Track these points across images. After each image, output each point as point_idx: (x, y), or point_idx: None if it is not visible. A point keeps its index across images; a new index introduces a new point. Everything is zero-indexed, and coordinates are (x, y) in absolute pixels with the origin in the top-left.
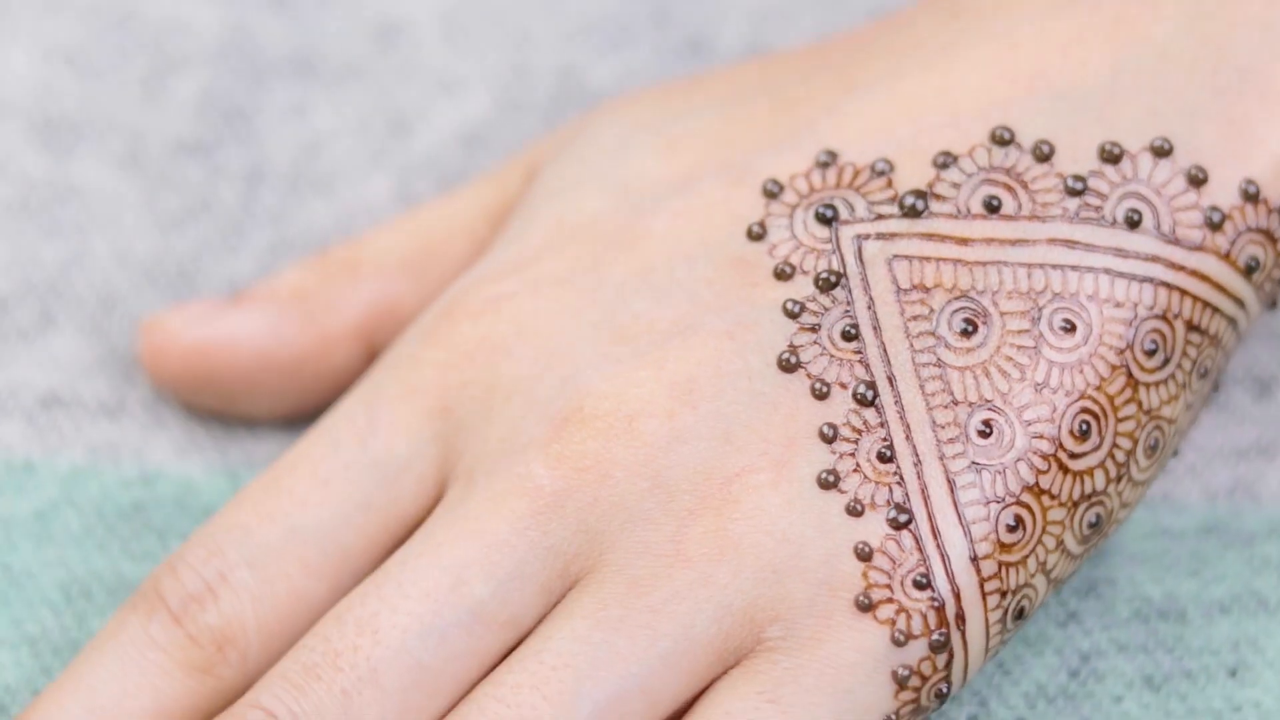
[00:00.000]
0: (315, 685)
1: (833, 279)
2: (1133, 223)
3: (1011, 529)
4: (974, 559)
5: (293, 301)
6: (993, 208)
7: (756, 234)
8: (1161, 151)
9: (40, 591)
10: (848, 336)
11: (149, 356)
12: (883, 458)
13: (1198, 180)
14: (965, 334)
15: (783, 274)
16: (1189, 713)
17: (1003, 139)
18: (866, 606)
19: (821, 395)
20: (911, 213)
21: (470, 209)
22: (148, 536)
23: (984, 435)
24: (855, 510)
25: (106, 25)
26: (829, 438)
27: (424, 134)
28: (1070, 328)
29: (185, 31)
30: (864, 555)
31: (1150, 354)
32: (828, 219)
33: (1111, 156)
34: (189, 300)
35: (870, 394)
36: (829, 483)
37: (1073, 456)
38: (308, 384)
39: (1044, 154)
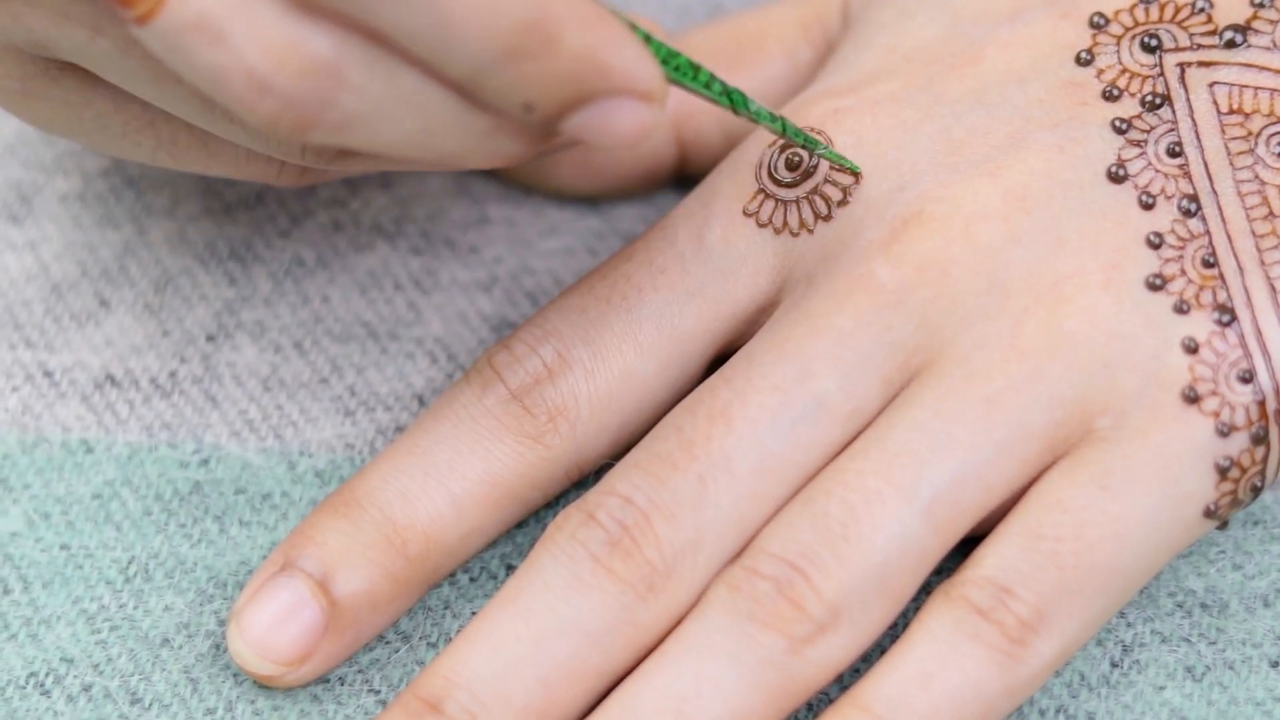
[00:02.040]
0: (671, 473)
1: (1158, 100)
2: None
3: None
4: None
5: None
6: None
7: (1085, 60)
8: None
9: (99, 571)
10: (1172, 153)
11: None
12: (1206, 264)
13: None
14: None
15: (1110, 95)
16: (1230, 703)
17: None
18: (1193, 399)
19: (1148, 206)
20: (1230, 45)
21: (784, 17)
22: (206, 520)
23: None
24: (1182, 309)
25: None
26: (1155, 244)
27: None
28: None
29: None
30: (1191, 349)
31: None
32: (1152, 47)
33: None
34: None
35: (1194, 206)
36: (1156, 285)
37: None
38: (616, 163)
39: None
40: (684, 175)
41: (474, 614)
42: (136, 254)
